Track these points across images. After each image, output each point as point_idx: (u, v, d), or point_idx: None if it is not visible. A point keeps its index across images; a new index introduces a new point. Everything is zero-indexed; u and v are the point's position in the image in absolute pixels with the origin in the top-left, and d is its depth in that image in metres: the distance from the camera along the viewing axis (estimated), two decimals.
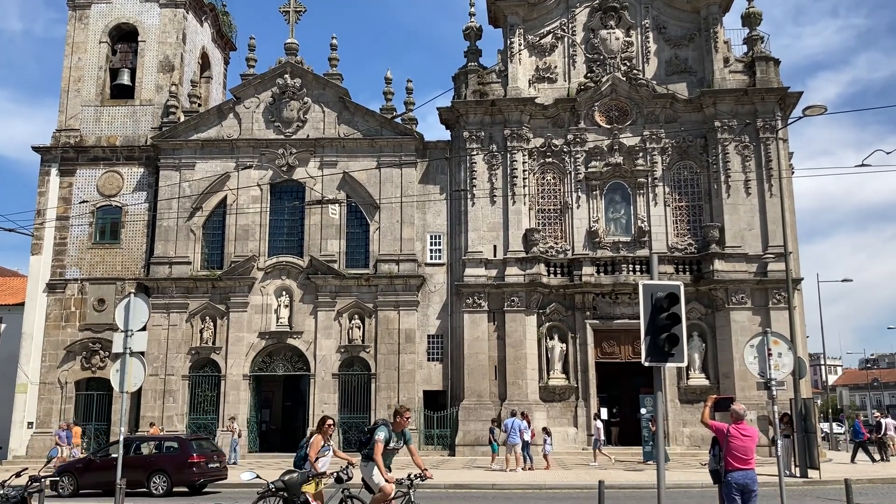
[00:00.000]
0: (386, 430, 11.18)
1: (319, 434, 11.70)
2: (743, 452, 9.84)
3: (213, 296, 34.13)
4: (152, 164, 35.79)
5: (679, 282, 11.09)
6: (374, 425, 11.55)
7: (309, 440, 11.87)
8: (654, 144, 34.48)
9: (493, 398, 32.45)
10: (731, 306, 32.38)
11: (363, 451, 11.20)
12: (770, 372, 10.55)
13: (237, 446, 30.75)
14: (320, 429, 11.84)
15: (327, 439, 11.85)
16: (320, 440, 11.60)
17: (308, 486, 10.88)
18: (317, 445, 11.50)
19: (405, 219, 34.64)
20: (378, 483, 10.88)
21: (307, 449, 11.60)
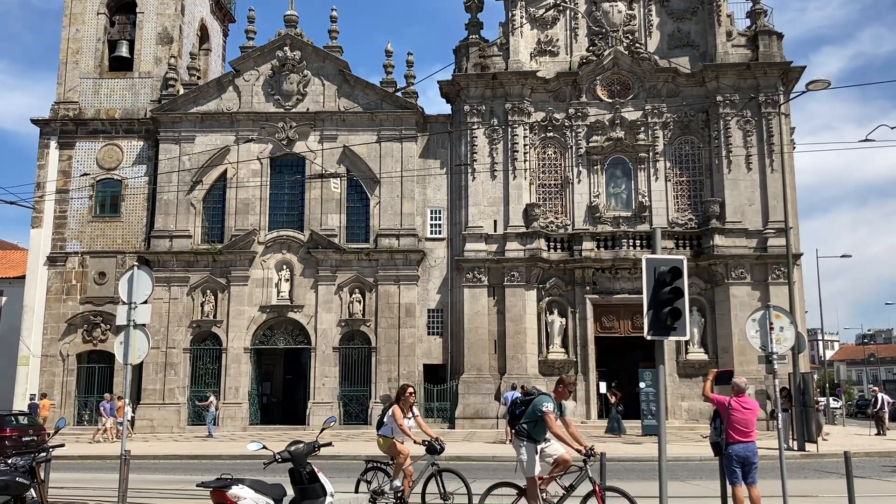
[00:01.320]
0: (552, 401, 9.95)
1: (397, 405, 11.56)
2: (744, 425, 9.93)
3: (214, 269, 34.18)
4: (152, 137, 35.66)
5: (682, 256, 11.08)
6: (527, 395, 10.19)
7: (386, 408, 11.76)
8: (655, 119, 34.35)
9: (493, 372, 32.63)
10: (730, 281, 32.46)
11: (518, 426, 9.89)
12: (771, 346, 10.61)
13: (213, 419, 30.75)
14: (399, 398, 11.65)
15: (408, 408, 11.63)
16: (399, 411, 11.48)
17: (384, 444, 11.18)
18: (398, 416, 11.40)
19: (405, 193, 34.59)
20: (553, 454, 9.81)
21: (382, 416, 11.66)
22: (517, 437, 9.79)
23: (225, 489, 6.86)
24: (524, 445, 9.68)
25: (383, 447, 11.69)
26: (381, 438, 11.71)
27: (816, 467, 19.06)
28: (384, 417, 11.74)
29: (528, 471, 9.59)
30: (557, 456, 9.77)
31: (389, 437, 11.55)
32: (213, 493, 6.90)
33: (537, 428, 9.68)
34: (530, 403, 9.79)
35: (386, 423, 11.70)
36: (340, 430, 31.47)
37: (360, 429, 31.98)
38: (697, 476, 16.50)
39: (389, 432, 11.64)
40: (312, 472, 7.77)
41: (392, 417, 11.51)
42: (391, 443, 11.57)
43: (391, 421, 11.57)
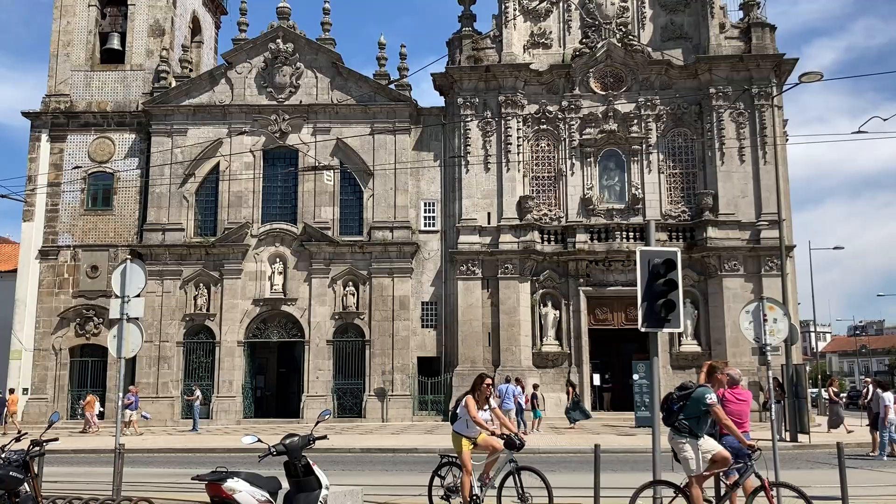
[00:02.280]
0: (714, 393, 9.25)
1: (471, 395, 10.62)
2: (738, 416, 9.94)
3: (207, 263, 34.10)
4: (144, 129, 35.50)
5: (676, 248, 11.13)
6: (683, 388, 9.31)
7: (460, 402, 10.87)
8: (648, 111, 34.36)
9: (487, 364, 32.66)
10: (723, 273, 32.57)
11: (677, 422, 9.06)
12: (765, 337, 10.65)
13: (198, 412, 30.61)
14: (476, 389, 10.72)
15: (484, 400, 10.66)
16: (473, 402, 10.52)
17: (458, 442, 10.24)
18: (472, 407, 10.45)
19: (399, 186, 34.54)
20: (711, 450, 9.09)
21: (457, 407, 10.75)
22: (677, 434, 9.03)
23: (220, 482, 6.84)
24: (687, 442, 8.93)
25: (458, 445, 10.65)
26: (456, 435, 10.70)
27: (809, 458, 19.16)
28: (458, 409, 10.76)
29: (693, 469, 8.89)
30: (715, 452, 9.12)
31: (463, 434, 10.57)
32: (208, 486, 6.89)
33: (700, 423, 9.03)
34: (689, 397, 9.07)
35: (460, 417, 10.73)
36: (335, 423, 31.48)
37: (354, 422, 32.03)
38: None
39: (463, 428, 10.65)
40: (307, 464, 7.75)
41: (465, 409, 10.51)
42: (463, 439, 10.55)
43: (464, 414, 10.60)
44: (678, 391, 9.27)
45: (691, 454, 8.88)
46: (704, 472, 8.97)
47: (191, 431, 29.53)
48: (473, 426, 10.54)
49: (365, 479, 15.58)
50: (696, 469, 8.88)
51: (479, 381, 10.78)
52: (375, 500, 11.86)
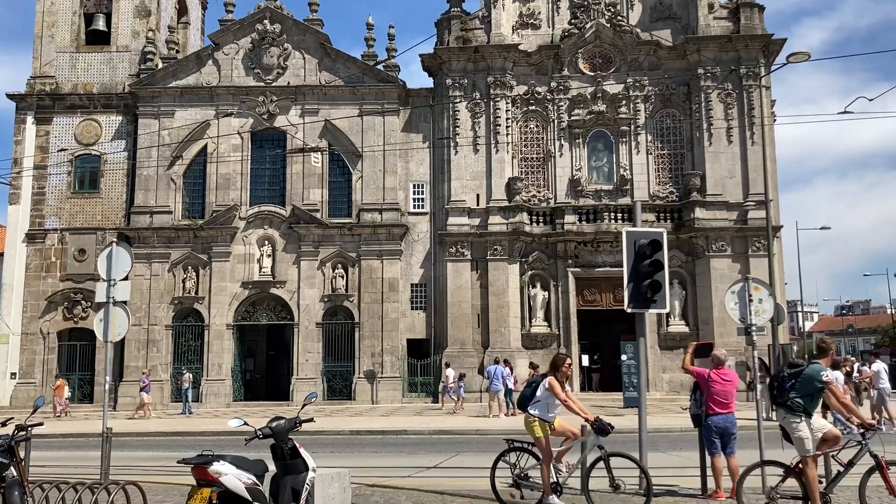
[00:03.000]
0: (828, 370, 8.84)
1: (553, 376, 9.77)
2: (723, 397, 10.05)
3: (195, 245, 33.96)
4: (130, 111, 35.21)
5: (662, 229, 11.16)
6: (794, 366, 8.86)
7: (535, 380, 10.07)
8: (637, 92, 34.30)
9: (476, 346, 32.77)
10: (711, 254, 32.69)
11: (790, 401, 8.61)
12: (751, 317, 10.71)
13: (190, 396, 30.65)
14: (557, 369, 9.84)
15: (564, 381, 9.86)
16: (557, 383, 9.68)
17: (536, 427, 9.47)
18: (558, 388, 9.65)
19: (388, 168, 34.43)
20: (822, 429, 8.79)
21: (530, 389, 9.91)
22: (791, 413, 8.55)
23: (206, 465, 6.84)
24: (802, 421, 8.49)
25: (535, 428, 9.74)
26: (533, 418, 9.76)
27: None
28: (536, 391, 9.83)
29: (808, 449, 8.47)
30: (826, 431, 8.77)
31: (542, 417, 9.74)
32: (194, 469, 6.88)
33: (813, 401, 8.65)
34: (800, 375, 8.60)
35: (539, 399, 9.79)
36: (324, 406, 31.58)
37: (343, 404, 32.11)
38: (678, 447, 16.72)
39: (543, 411, 9.76)
40: (294, 447, 7.76)
41: (548, 392, 9.67)
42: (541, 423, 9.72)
43: (546, 396, 9.71)
44: (789, 369, 8.84)
45: (806, 434, 8.47)
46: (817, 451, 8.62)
47: (180, 415, 29.56)
48: (553, 409, 9.75)
49: (354, 461, 15.65)
50: (812, 449, 8.50)
51: (561, 360, 9.95)
52: (364, 483, 11.90)
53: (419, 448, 17.94)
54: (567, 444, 10.04)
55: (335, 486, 8.68)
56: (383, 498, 10.63)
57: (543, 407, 9.78)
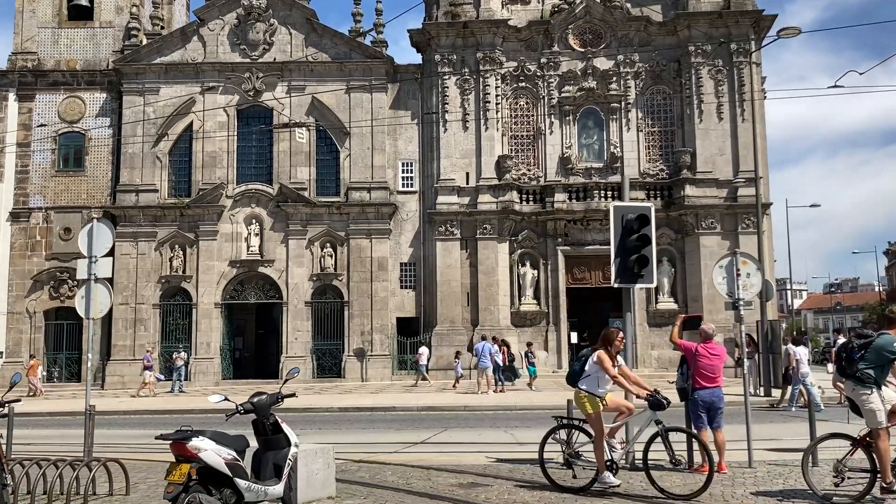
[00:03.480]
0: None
1: (604, 350, 9.25)
2: (710, 371, 9.99)
3: (182, 224, 33.70)
4: (115, 88, 34.76)
5: (650, 204, 11.06)
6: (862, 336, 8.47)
7: (584, 354, 9.58)
8: (627, 68, 34.08)
9: (466, 324, 32.74)
10: (700, 231, 32.67)
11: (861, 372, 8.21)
12: (738, 292, 10.64)
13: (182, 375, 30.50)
14: (609, 343, 9.32)
15: (615, 356, 9.40)
16: (608, 357, 9.20)
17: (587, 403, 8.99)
18: (608, 362, 9.15)
19: (376, 145, 34.17)
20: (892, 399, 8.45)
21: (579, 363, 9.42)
22: (860, 385, 8.20)
23: (185, 441, 6.73)
24: (873, 393, 8.15)
25: (586, 404, 9.19)
26: (583, 394, 9.23)
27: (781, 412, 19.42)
28: (585, 366, 9.36)
29: (880, 421, 8.10)
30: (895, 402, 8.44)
31: (593, 392, 9.20)
32: (173, 445, 6.78)
33: (884, 371, 8.31)
34: (870, 345, 8.21)
35: (588, 374, 9.30)
36: (313, 384, 31.55)
37: (333, 382, 32.08)
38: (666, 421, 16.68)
39: (593, 386, 9.23)
40: (276, 422, 7.67)
41: (597, 366, 9.18)
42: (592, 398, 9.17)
43: (595, 370, 9.23)
44: (858, 339, 8.44)
45: (878, 405, 8.14)
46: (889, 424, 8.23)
47: (168, 393, 29.45)
48: (604, 384, 9.28)
49: (341, 437, 15.59)
50: (884, 421, 8.15)
51: (613, 334, 9.43)
52: (351, 459, 11.83)
53: (407, 424, 17.91)
54: (621, 420, 9.62)
55: (319, 462, 8.59)
56: (369, 473, 10.56)
57: (593, 382, 9.28)
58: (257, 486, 7.21)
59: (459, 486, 9.43)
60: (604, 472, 8.93)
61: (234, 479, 6.93)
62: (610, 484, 8.89)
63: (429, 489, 9.27)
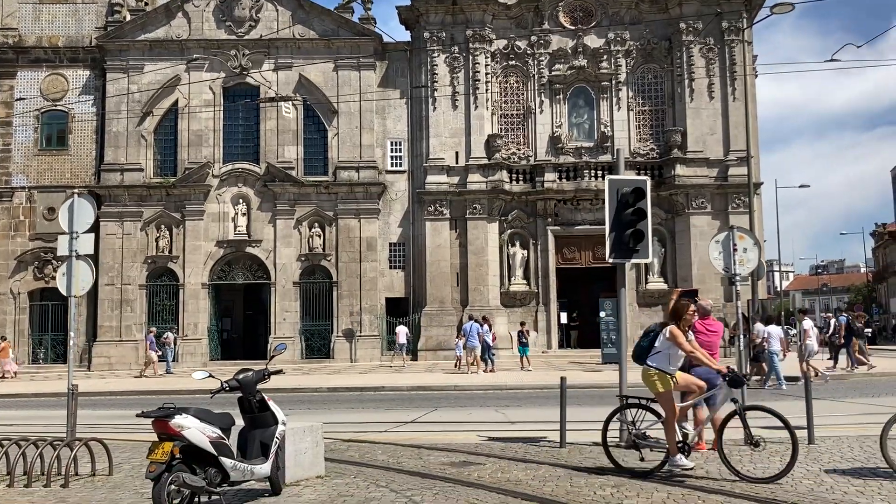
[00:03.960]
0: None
1: (675, 324, 8.61)
2: (708, 347, 9.75)
3: (168, 204, 33.26)
4: (98, 66, 34.15)
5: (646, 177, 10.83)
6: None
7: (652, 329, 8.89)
8: (618, 47, 33.76)
9: (455, 304, 32.57)
10: (690, 211, 32.55)
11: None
12: (735, 267, 10.44)
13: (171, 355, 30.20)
14: (679, 316, 8.66)
15: (686, 329, 8.80)
16: (680, 332, 8.54)
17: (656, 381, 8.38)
18: (681, 337, 8.49)
19: (364, 124, 33.77)
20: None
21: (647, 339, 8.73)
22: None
23: (167, 419, 6.50)
24: None
25: (656, 382, 8.54)
26: (653, 371, 8.57)
27: (774, 390, 19.36)
28: (655, 342, 8.68)
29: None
30: None
31: (663, 370, 8.54)
32: (154, 423, 6.54)
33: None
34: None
35: (658, 350, 8.62)
36: (302, 364, 31.36)
37: (322, 362, 31.88)
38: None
39: (663, 362, 8.55)
40: (262, 400, 7.44)
41: (668, 342, 8.50)
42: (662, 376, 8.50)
43: (667, 346, 8.55)
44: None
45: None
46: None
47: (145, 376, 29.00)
48: (675, 361, 8.64)
49: (331, 416, 15.38)
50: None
51: (683, 307, 8.76)
52: (340, 438, 11.62)
53: (397, 404, 17.73)
54: (691, 399, 8.97)
55: (307, 440, 8.37)
56: (359, 452, 10.36)
57: (664, 358, 8.61)
58: (243, 465, 6.99)
59: (451, 465, 9.24)
60: (676, 455, 8.36)
61: (219, 458, 6.72)
62: (683, 466, 8.33)
63: (420, 468, 9.08)
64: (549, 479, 8.26)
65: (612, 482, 8.04)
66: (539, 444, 10.79)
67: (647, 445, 8.75)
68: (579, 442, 10.62)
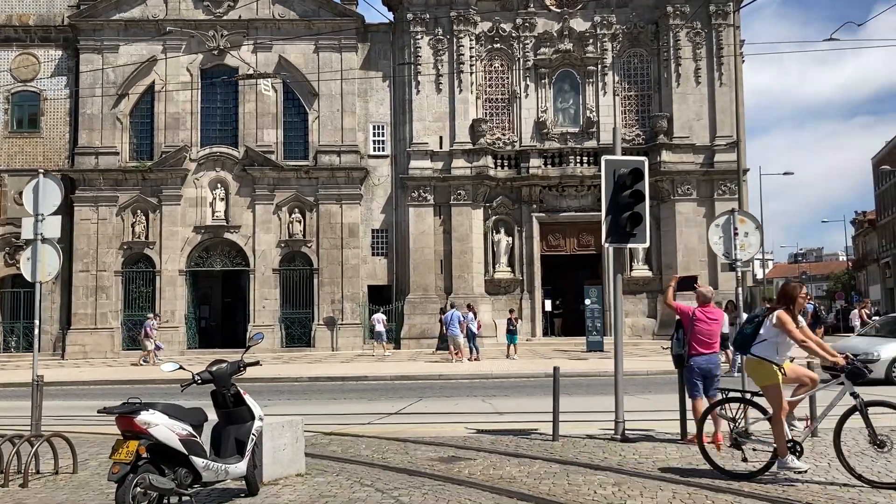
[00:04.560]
0: None
1: (784, 309, 7.72)
2: (708, 336, 9.33)
3: (144, 188, 32.42)
4: (71, 45, 33.14)
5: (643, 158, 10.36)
6: None
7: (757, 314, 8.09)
8: (604, 30, 33.24)
9: (439, 292, 32.06)
10: (676, 198, 32.21)
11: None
12: (736, 252, 9.98)
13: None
14: (791, 301, 7.79)
15: (798, 314, 7.94)
16: (790, 318, 7.66)
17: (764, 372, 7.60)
18: (791, 324, 7.62)
19: (346, 107, 33.05)
20: None
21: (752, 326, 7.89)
22: None
23: (133, 415, 5.94)
24: None
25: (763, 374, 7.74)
26: (759, 363, 7.76)
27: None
28: (760, 328, 7.83)
29: None
30: None
31: (771, 360, 7.67)
32: (118, 419, 5.98)
33: None
34: None
35: (764, 338, 7.76)
36: (282, 353, 30.74)
37: (303, 351, 31.28)
38: (646, 390, 16.28)
39: (770, 352, 7.70)
40: (238, 393, 6.89)
41: (777, 329, 7.66)
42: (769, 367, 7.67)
43: (774, 334, 7.68)
44: None
45: None
46: None
47: (145, 363, 28.26)
48: (784, 350, 7.77)
49: (312, 408, 14.87)
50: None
51: (792, 289, 7.89)
52: (322, 431, 11.10)
53: (380, 394, 17.23)
54: (802, 393, 7.97)
55: (286, 436, 7.83)
56: (341, 447, 9.84)
57: (771, 347, 7.73)
58: (217, 464, 6.45)
59: (440, 461, 8.75)
60: (787, 456, 7.51)
61: (189, 458, 6.17)
62: (795, 468, 7.50)
63: (407, 464, 8.58)
64: (545, 477, 7.79)
65: (613, 479, 7.57)
66: (530, 436, 10.33)
67: (751, 444, 7.91)
68: (572, 434, 10.18)
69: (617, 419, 9.86)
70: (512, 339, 26.36)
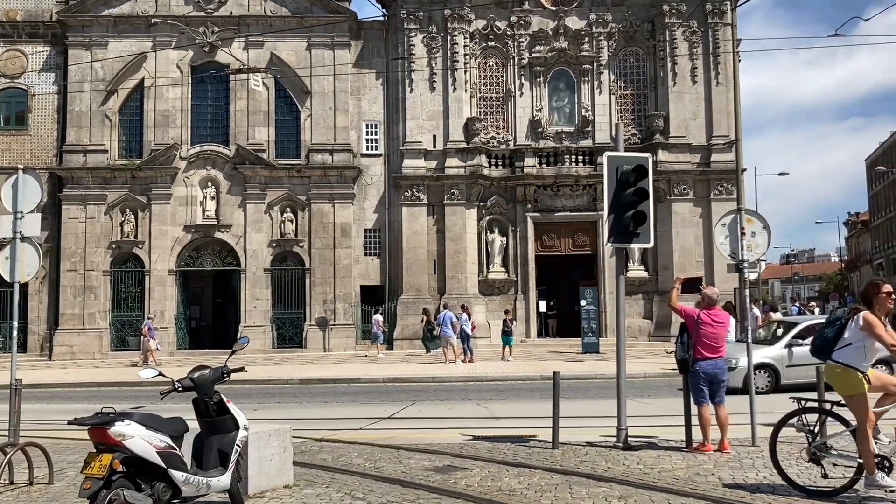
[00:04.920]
0: None
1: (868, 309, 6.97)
2: (714, 340, 8.98)
3: (133, 187, 31.92)
4: (59, 42, 32.61)
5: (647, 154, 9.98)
6: None
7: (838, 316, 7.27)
8: (600, 28, 32.90)
9: (432, 292, 31.67)
10: (672, 198, 31.90)
11: None
12: (742, 252, 9.63)
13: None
14: (872, 300, 7.01)
15: (886, 315, 7.09)
16: (877, 320, 6.90)
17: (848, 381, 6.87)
18: (879, 326, 6.84)
19: (339, 105, 32.62)
20: None
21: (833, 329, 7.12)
22: None
23: (106, 426, 5.53)
24: None
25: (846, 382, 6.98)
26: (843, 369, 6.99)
27: None
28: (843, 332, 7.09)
29: None
30: None
31: (855, 367, 6.94)
32: (91, 431, 5.58)
33: None
34: None
35: (849, 342, 7.03)
36: (273, 354, 30.32)
37: (294, 352, 30.85)
38: (645, 394, 15.92)
39: (855, 358, 6.97)
40: (221, 401, 6.48)
41: (863, 332, 6.92)
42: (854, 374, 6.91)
43: (861, 337, 6.95)
44: None
45: None
46: None
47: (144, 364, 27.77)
48: (871, 356, 7.04)
49: (303, 412, 14.47)
50: None
51: (876, 288, 7.07)
52: (312, 437, 10.69)
53: (373, 397, 16.83)
54: (888, 404, 7.11)
55: (273, 446, 7.43)
56: (332, 455, 9.44)
57: (856, 353, 6.96)
58: (198, 478, 6.04)
59: (435, 471, 8.35)
60: (875, 473, 6.81)
61: (168, 471, 5.76)
62: (886, 487, 6.80)
63: (400, 474, 8.19)
64: (546, 489, 7.40)
65: (618, 492, 7.20)
66: (529, 444, 9.94)
67: (831, 459, 7.20)
68: (572, 442, 9.80)
69: (619, 426, 9.47)
70: (507, 340, 26.01)
